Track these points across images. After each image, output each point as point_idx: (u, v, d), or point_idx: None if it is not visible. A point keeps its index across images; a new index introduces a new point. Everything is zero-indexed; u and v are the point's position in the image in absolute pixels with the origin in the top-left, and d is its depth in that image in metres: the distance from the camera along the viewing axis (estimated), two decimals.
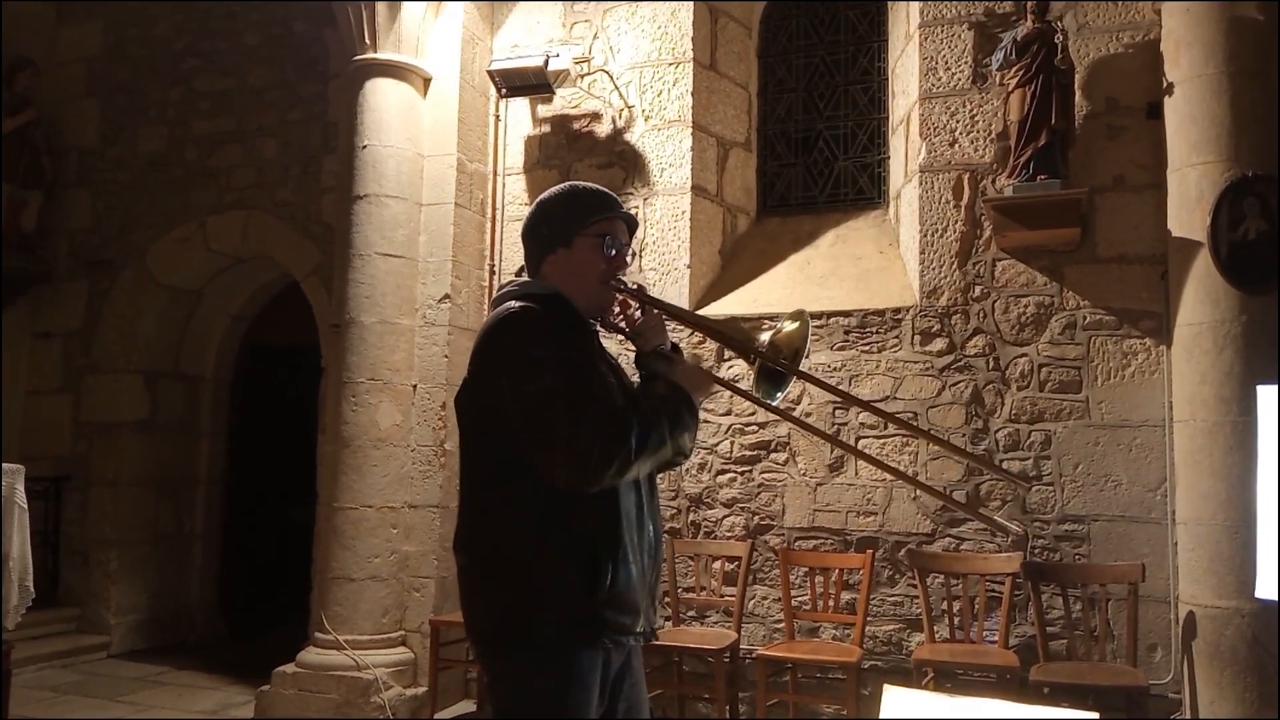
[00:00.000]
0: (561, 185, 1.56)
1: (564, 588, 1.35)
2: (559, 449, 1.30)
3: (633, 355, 1.57)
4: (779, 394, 1.50)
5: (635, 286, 1.55)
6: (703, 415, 3.60)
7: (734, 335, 1.64)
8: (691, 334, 3.65)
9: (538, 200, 1.55)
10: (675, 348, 1.58)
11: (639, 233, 3.88)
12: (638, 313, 1.55)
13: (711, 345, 3.67)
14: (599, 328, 1.56)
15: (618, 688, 1.45)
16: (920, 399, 3.41)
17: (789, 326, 1.50)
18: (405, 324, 3.78)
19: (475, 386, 1.43)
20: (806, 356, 1.57)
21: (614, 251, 1.50)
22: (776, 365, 1.47)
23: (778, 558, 3.43)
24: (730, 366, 3.56)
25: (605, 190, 1.57)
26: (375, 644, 3.59)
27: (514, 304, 1.43)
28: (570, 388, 1.33)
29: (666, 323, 1.57)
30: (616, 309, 1.55)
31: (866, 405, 1.94)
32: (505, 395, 1.36)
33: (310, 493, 4.10)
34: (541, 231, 1.51)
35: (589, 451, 1.30)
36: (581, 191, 1.54)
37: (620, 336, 1.58)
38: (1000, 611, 3.10)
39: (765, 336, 1.50)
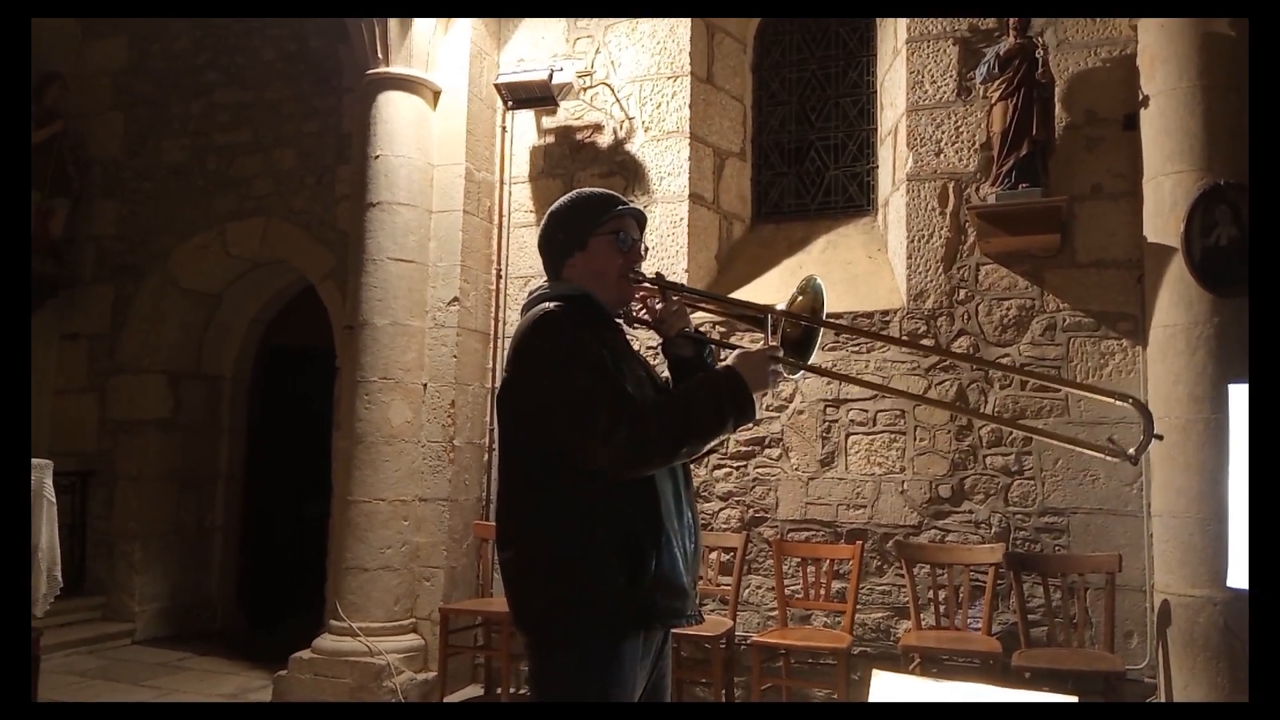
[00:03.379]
0: (567, 194, 1.61)
1: (609, 580, 1.36)
2: (599, 444, 1.33)
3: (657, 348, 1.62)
4: (806, 359, 1.49)
5: (655, 275, 1.58)
6: None
7: (753, 312, 1.60)
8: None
9: (548, 212, 1.58)
10: (698, 332, 1.62)
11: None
12: (658, 304, 1.58)
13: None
14: (623, 324, 1.59)
15: (651, 669, 1.47)
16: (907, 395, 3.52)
17: (801, 297, 1.49)
18: (416, 326, 3.90)
19: (515, 386, 1.44)
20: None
21: (628, 246, 1.53)
22: (801, 320, 1.46)
23: (771, 549, 3.54)
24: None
25: (610, 191, 1.62)
26: (387, 631, 3.70)
27: (549, 305, 1.45)
28: (609, 385, 1.36)
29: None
30: (638, 304, 1.58)
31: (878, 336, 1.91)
32: (546, 393, 1.38)
33: (325, 487, 4.19)
34: (557, 238, 1.55)
35: (626, 446, 1.33)
36: (587, 195, 1.58)
37: (645, 329, 1.63)
38: (984, 600, 3.20)
39: (781, 306, 1.49)
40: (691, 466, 1.58)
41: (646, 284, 1.56)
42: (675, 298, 1.59)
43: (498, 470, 1.54)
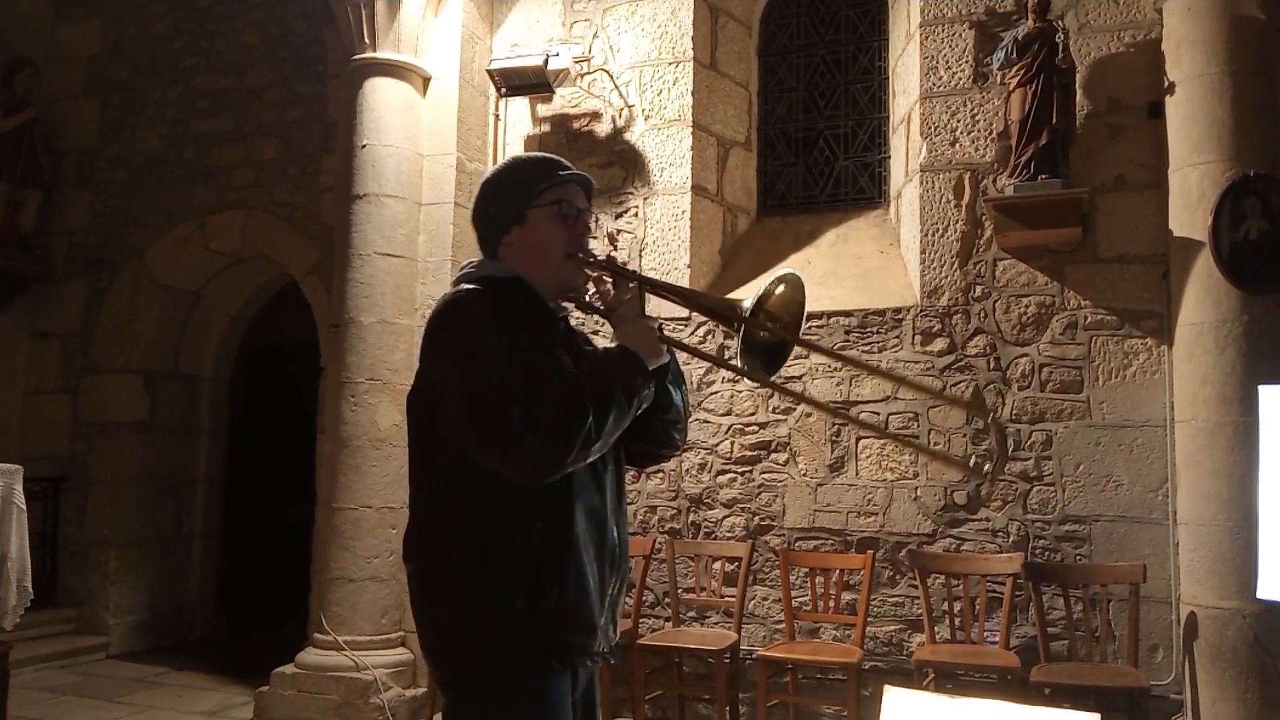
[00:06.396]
0: (503, 160, 1.46)
1: (505, 603, 1.22)
2: (513, 444, 1.18)
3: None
4: (777, 367, 1.35)
5: (605, 258, 1.44)
6: (702, 415, 3.66)
7: (717, 306, 1.46)
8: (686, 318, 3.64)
9: (481, 181, 1.41)
10: (659, 329, 1.44)
11: (639, 231, 3.87)
12: (611, 288, 1.39)
13: (712, 345, 3.67)
14: (572, 309, 1.43)
15: (581, 709, 1.33)
16: (921, 399, 3.40)
17: (779, 290, 1.33)
18: (404, 324, 3.77)
19: (421, 382, 1.32)
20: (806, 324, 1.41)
21: (572, 218, 1.35)
22: (764, 329, 1.31)
23: (778, 558, 3.42)
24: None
25: (551, 155, 1.43)
26: (374, 645, 3.58)
27: (463, 287, 1.32)
28: (521, 376, 1.20)
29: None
30: (591, 286, 1.40)
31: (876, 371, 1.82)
32: (450, 389, 1.24)
33: (309, 491, 4.09)
34: (490, 212, 1.38)
35: (546, 441, 1.18)
36: (525, 160, 1.42)
37: (598, 316, 1.45)
38: (1001, 612, 3.10)
39: (748, 303, 1.32)
40: (626, 479, 1.43)
41: (594, 265, 1.38)
42: (632, 286, 1.38)
43: (408, 477, 1.37)
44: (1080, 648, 3.05)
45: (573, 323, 1.46)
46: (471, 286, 1.32)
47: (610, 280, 1.39)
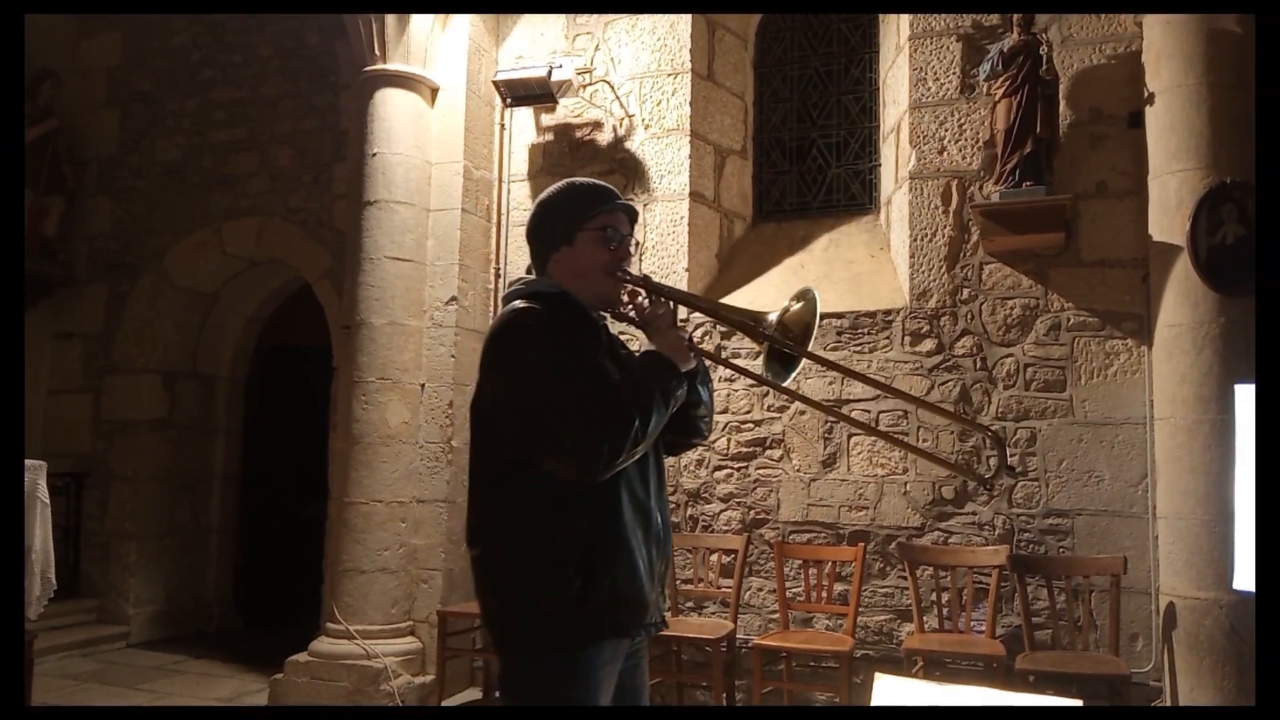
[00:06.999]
0: (560, 183, 1.58)
1: (561, 591, 1.35)
2: (567, 452, 1.32)
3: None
4: (791, 374, 1.51)
5: (641, 276, 1.56)
6: None
7: (740, 318, 1.61)
8: (700, 320, 3.76)
9: (538, 200, 1.57)
10: (689, 340, 1.61)
11: (639, 236, 3.99)
12: (646, 301, 1.55)
13: (711, 344, 3.79)
14: (610, 318, 1.58)
15: (624, 675, 1.47)
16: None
17: (796, 306, 1.51)
18: (414, 325, 3.88)
19: (481, 390, 1.46)
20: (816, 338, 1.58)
21: (615, 243, 1.51)
22: (785, 347, 1.48)
23: (773, 551, 3.52)
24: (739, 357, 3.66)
25: (603, 183, 1.58)
26: (385, 634, 3.68)
27: (517, 304, 1.45)
28: (571, 390, 1.35)
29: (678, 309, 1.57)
30: (625, 299, 1.56)
31: (879, 385, 1.84)
32: (505, 401, 1.39)
33: (322, 488, 4.17)
34: (544, 230, 1.53)
35: (599, 449, 1.32)
36: (579, 187, 1.55)
37: (633, 326, 1.60)
38: (987, 602, 3.18)
39: (773, 316, 1.50)
40: (665, 465, 1.58)
41: (632, 282, 1.54)
42: (663, 300, 1.55)
43: (468, 469, 1.53)
44: (1063, 637, 3.13)
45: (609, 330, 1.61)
46: (523, 304, 1.45)
47: (644, 294, 1.55)
